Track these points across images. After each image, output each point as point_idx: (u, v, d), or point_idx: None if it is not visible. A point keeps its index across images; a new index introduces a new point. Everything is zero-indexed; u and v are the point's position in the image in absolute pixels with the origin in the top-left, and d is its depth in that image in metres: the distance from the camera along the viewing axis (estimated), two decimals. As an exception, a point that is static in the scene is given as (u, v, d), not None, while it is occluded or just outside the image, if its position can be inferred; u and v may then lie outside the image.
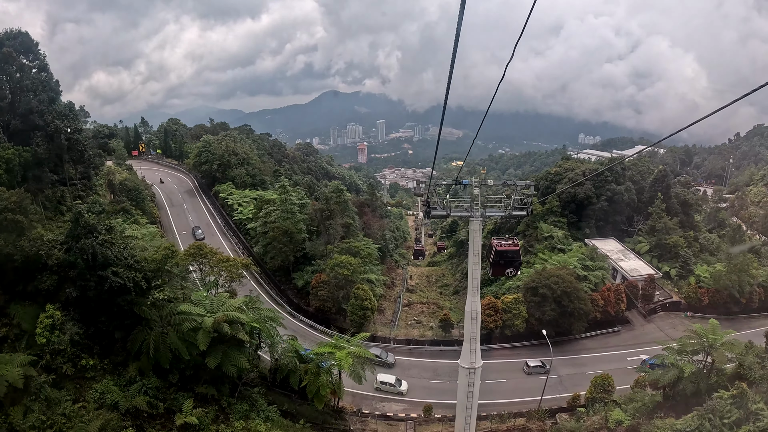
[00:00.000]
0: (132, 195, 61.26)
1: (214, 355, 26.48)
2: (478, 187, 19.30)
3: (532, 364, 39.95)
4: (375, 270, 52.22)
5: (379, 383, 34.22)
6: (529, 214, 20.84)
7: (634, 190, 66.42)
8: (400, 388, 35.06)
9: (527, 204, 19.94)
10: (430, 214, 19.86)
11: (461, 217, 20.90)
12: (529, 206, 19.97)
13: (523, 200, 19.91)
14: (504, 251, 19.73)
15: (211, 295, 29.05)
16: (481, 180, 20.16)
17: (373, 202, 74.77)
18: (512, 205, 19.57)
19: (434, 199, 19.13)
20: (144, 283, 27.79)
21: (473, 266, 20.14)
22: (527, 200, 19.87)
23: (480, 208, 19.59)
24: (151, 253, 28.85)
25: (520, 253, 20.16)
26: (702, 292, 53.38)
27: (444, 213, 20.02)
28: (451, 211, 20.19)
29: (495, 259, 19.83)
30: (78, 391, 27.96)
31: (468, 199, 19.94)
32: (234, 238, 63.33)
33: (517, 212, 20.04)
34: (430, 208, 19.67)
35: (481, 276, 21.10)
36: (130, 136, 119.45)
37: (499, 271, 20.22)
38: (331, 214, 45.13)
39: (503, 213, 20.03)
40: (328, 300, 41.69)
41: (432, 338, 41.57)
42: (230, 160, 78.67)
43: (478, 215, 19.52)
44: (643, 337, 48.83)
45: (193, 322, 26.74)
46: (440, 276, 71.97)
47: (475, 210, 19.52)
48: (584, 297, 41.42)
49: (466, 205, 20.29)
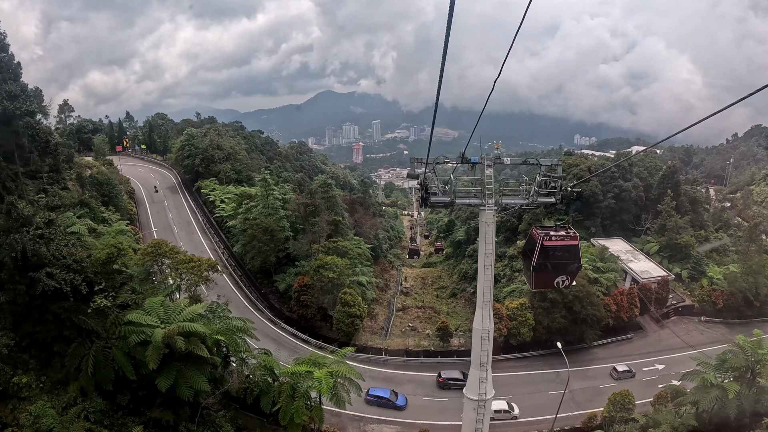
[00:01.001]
0: (104, 189, 56.56)
1: (166, 374, 21.96)
2: (491, 167, 14.58)
3: (621, 369, 37.55)
4: (367, 272, 47.99)
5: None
6: (560, 201, 15.87)
7: (642, 187, 63.19)
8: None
9: (558, 189, 15.03)
10: (428, 200, 14.86)
11: (469, 205, 15.75)
12: (559, 192, 15.13)
13: (551, 184, 15.10)
14: (554, 248, 13.92)
15: (169, 302, 24.49)
16: (495, 158, 15.01)
17: (366, 200, 70.43)
18: (535, 188, 14.75)
19: (434, 182, 14.41)
20: (84, 288, 23.24)
21: (485, 270, 15.05)
22: (557, 184, 15.06)
23: (494, 194, 14.71)
24: (96, 252, 24.28)
25: (579, 250, 14.40)
26: (716, 294, 50.30)
27: (447, 200, 15.02)
28: (457, 198, 15.20)
29: (540, 261, 13.95)
30: (11, 414, 23.71)
31: (478, 182, 15.04)
32: (215, 237, 58.80)
33: (542, 199, 15.24)
34: (428, 194, 14.63)
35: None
36: (115, 131, 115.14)
37: (545, 281, 14.45)
38: (316, 210, 40.54)
39: (524, 201, 15.23)
40: (312, 306, 37.17)
41: (429, 348, 37.15)
42: (214, 154, 74.04)
43: (491, 203, 14.64)
44: (658, 344, 45.29)
45: (142, 334, 22.20)
46: (436, 278, 68.13)
47: (487, 197, 14.64)
48: (597, 302, 37.36)
49: (475, 191, 15.35)
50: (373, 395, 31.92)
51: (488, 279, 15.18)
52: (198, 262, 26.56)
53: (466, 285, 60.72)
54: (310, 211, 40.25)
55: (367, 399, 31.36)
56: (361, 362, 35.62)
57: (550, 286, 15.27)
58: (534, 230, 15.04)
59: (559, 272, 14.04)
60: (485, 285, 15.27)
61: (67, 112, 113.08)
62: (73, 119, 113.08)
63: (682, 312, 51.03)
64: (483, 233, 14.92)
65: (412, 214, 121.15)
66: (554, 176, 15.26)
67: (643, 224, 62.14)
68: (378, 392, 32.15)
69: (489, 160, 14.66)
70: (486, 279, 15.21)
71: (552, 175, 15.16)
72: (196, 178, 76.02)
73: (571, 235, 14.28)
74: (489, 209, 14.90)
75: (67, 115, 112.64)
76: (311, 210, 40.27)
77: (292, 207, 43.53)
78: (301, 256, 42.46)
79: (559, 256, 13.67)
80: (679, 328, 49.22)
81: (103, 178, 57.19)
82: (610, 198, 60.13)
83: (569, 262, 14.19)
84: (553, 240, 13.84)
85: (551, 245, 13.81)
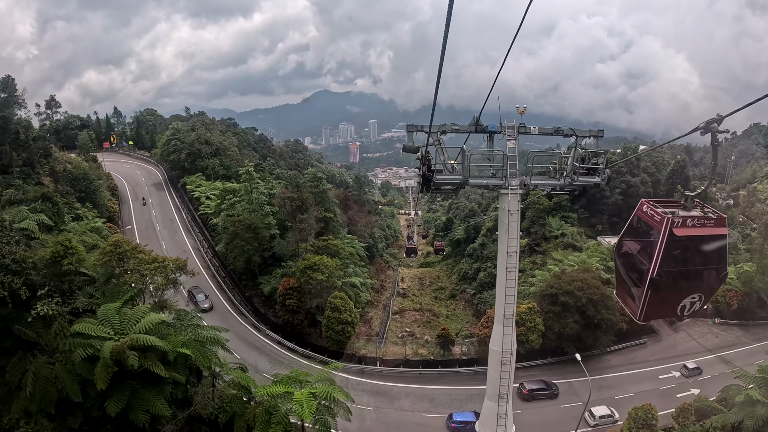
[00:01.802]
0: (80, 185, 52.94)
1: (117, 395, 18.48)
2: (514, 138, 11.09)
3: (691, 366, 35.92)
4: (361, 272, 44.62)
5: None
6: (605, 182, 12.24)
7: (650, 182, 60.44)
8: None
9: (603, 165, 11.37)
10: (431, 180, 11.24)
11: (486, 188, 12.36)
12: (604, 169, 11.52)
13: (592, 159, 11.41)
14: (692, 240, 7.44)
15: (127, 309, 20.98)
16: (519, 127, 11.45)
17: (361, 197, 66.99)
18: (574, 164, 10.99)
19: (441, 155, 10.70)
20: (25, 292, 19.69)
21: (507, 274, 11.31)
22: (601, 159, 11.42)
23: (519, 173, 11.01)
24: (42, 250, 20.78)
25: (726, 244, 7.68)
26: (731, 295, 47.59)
27: (457, 179, 11.51)
28: (470, 177, 11.67)
29: (667, 266, 7.46)
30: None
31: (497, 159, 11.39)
32: (199, 236, 55.23)
33: (584, 179, 11.47)
34: (430, 171, 11.15)
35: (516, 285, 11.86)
36: (102, 128, 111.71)
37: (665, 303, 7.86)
38: (304, 205, 36.89)
39: (558, 182, 11.57)
40: (299, 311, 33.62)
41: (428, 358, 33.63)
42: (201, 149, 70.42)
43: (515, 185, 11.13)
44: (673, 348, 42.29)
45: (90, 348, 18.72)
46: (435, 278, 64.96)
47: (510, 177, 11.18)
48: (613, 305, 34.09)
49: (494, 169, 11.76)
50: (459, 421, 27.56)
51: (511, 286, 11.53)
52: (163, 262, 23.07)
53: (466, 286, 57.75)
54: (296, 206, 36.63)
55: (452, 426, 27.55)
56: (354, 374, 32.17)
57: (669, 313, 8.28)
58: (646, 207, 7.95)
59: (693, 286, 7.68)
60: (507, 294, 11.46)
61: (54, 108, 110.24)
62: (60, 115, 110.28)
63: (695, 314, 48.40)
64: (504, 225, 11.16)
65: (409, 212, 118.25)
66: (595, 151, 11.70)
67: (651, 221, 59.46)
68: (464, 417, 27.80)
69: (511, 129, 11.25)
70: (508, 286, 11.53)
71: (591, 150, 11.61)
72: (182, 175, 72.58)
73: (714, 217, 7.45)
74: (513, 193, 11.33)
75: (54, 111, 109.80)
76: (298, 205, 36.65)
77: (277, 202, 39.87)
78: (288, 256, 38.89)
79: (699, 254, 7.34)
80: (693, 330, 46.51)
81: (79, 172, 53.56)
82: (617, 194, 57.51)
83: (712, 267, 7.78)
84: (690, 226, 7.13)
85: (687, 235, 7.14)
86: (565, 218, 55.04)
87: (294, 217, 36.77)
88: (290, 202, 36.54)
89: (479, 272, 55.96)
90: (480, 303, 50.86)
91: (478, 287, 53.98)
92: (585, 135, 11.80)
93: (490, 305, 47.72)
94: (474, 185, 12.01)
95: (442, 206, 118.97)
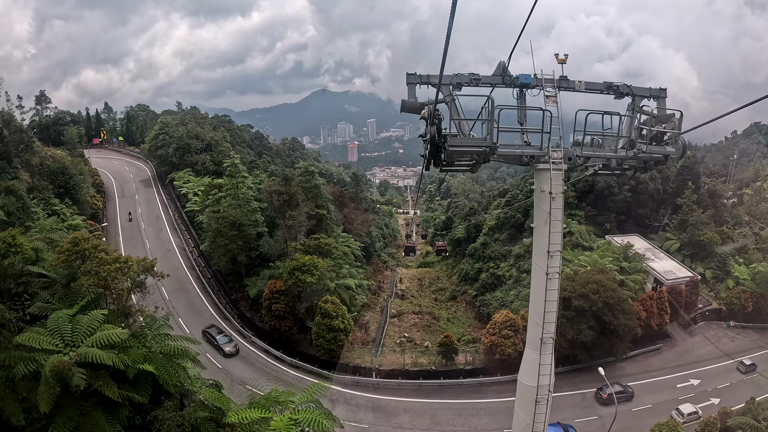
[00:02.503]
0: (59, 180, 49.92)
1: (64, 420, 15.55)
2: (555, 96, 8.16)
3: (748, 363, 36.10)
4: (356, 273, 41.72)
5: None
6: (680, 153, 9.19)
7: (659, 179, 57.77)
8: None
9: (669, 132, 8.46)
10: (445, 147, 8.05)
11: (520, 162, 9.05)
12: (677, 139, 8.64)
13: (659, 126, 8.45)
14: None
15: (83, 317, 18.03)
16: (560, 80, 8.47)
17: (357, 194, 64.01)
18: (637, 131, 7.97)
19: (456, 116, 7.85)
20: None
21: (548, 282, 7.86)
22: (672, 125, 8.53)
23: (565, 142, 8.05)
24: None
25: None
26: (746, 296, 45.21)
27: (482, 144, 8.38)
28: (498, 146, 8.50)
29: None
30: None
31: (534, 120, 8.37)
32: (185, 234, 52.33)
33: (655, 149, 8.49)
34: (440, 137, 7.99)
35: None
36: (92, 123, 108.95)
37: None
38: (292, 200, 33.74)
39: (618, 155, 8.53)
40: (287, 317, 30.62)
41: (429, 368, 30.61)
42: (191, 144, 67.32)
43: (558, 158, 8.08)
44: (688, 354, 39.81)
45: (33, 363, 15.79)
46: (434, 279, 62.18)
47: (553, 147, 8.29)
48: (630, 309, 31.41)
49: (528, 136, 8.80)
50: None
51: (553, 299, 8.02)
52: (126, 262, 20.17)
53: (467, 287, 55.04)
54: (284, 201, 33.52)
55: None
56: (347, 386, 29.22)
57: None
58: None
59: None
60: (548, 310, 7.99)
61: (44, 104, 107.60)
62: (50, 111, 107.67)
63: (708, 317, 45.87)
64: (543, 214, 8.01)
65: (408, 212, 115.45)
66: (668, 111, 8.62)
67: (660, 219, 56.77)
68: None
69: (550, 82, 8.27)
70: (549, 299, 8.00)
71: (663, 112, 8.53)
72: (171, 170, 69.60)
73: None
74: (556, 169, 8.11)
75: (44, 106, 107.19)
76: (286, 200, 33.54)
77: (263, 197, 36.67)
78: (276, 256, 35.88)
79: None
80: (708, 334, 44.06)
81: (57, 166, 50.38)
82: (626, 191, 54.84)
83: None
84: None
85: None
86: (571, 216, 52.32)
87: (282, 213, 33.68)
88: (277, 196, 33.37)
89: (481, 273, 53.38)
90: (482, 305, 48.23)
91: (479, 288, 51.45)
92: (645, 95, 8.84)
93: (493, 308, 44.84)
94: (503, 156, 8.77)
95: (441, 205, 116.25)
